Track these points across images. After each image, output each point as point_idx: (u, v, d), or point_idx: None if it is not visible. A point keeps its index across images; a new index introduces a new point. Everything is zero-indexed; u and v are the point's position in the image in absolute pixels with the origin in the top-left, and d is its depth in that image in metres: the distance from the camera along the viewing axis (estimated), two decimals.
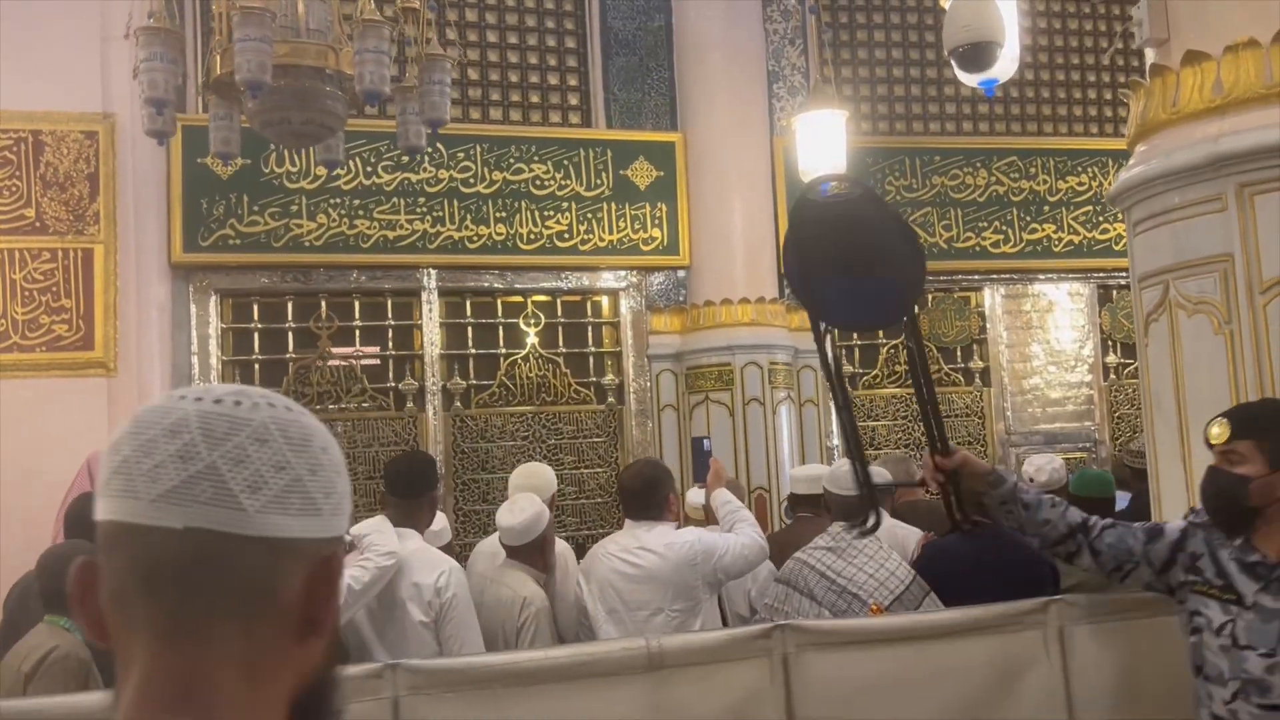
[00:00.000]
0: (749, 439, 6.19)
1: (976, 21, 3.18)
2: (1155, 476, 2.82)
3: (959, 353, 6.99)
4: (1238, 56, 2.62)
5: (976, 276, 6.98)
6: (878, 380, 6.87)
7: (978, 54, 3.20)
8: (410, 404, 6.06)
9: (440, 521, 3.82)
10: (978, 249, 6.90)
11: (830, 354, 2.43)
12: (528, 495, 3.59)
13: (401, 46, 4.46)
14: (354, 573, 2.97)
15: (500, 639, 3.38)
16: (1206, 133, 2.65)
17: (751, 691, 2.11)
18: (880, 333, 6.82)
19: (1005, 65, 3.95)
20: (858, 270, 2.27)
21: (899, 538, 4.33)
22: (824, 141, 5.46)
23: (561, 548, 3.99)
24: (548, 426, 6.28)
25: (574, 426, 6.33)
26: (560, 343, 6.39)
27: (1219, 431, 2.00)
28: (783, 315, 6.45)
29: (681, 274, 6.51)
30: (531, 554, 3.50)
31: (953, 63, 3.36)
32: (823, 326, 2.37)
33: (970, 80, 3.97)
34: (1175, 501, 2.76)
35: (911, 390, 6.75)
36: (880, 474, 4.06)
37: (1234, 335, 2.59)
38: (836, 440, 6.69)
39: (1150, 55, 2.92)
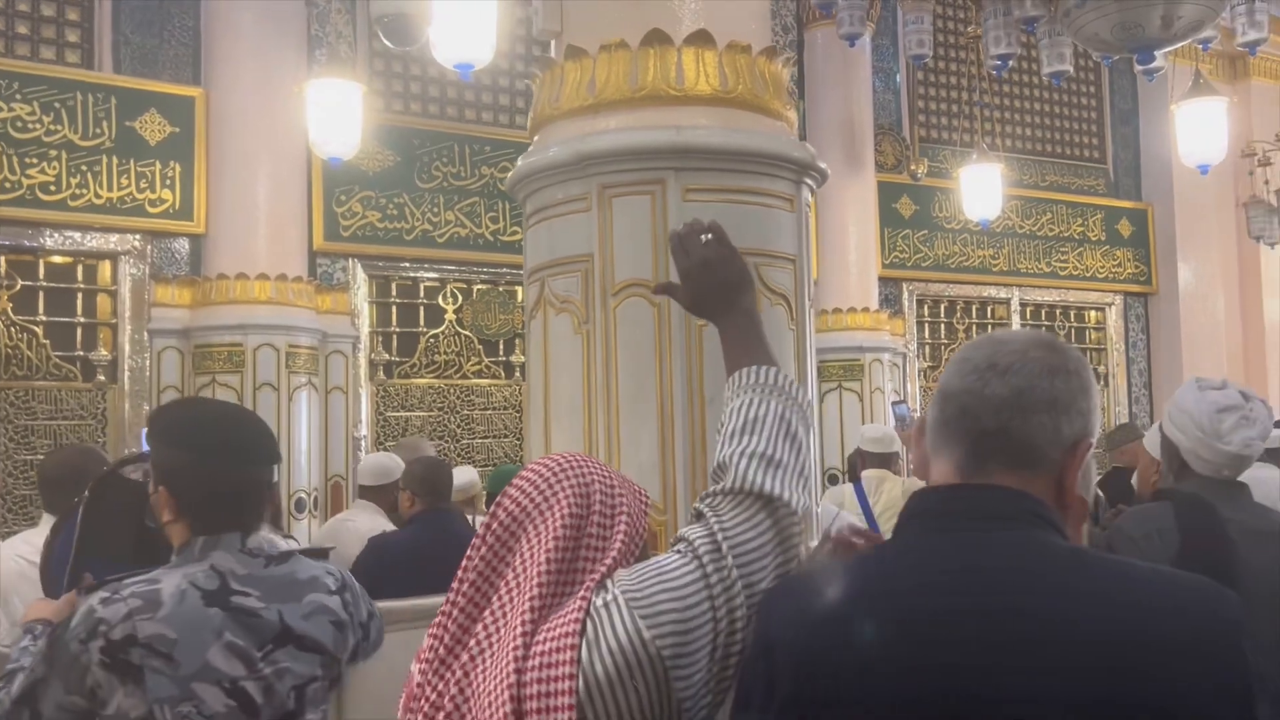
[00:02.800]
0: None
1: None
2: None
3: (501, 345, 6.94)
4: (611, 56, 2.61)
5: (521, 270, 6.94)
6: (415, 369, 6.66)
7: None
8: None
9: None
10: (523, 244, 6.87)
11: None
12: None
13: None
14: None
15: None
16: (581, 130, 2.61)
17: None
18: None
19: (478, 52, 3.83)
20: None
21: (360, 532, 4.16)
22: (337, 114, 5.14)
23: None
24: (17, 405, 5.50)
25: (52, 406, 5.59)
26: (40, 310, 5.62)
27: None
28: (310, 295, 6.08)
29: (194, 242, 5.96)
30: None
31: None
32: None
33: (445, 62, 3.82)
34: None
35: (447, 381, 6.67)
36: None
37: (590, 335, 2.57)
38: (364, 430, 6.42)
39: (553, 48, 2.86)
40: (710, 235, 1.56)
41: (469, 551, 1.28)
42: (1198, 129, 6.34)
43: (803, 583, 1.21)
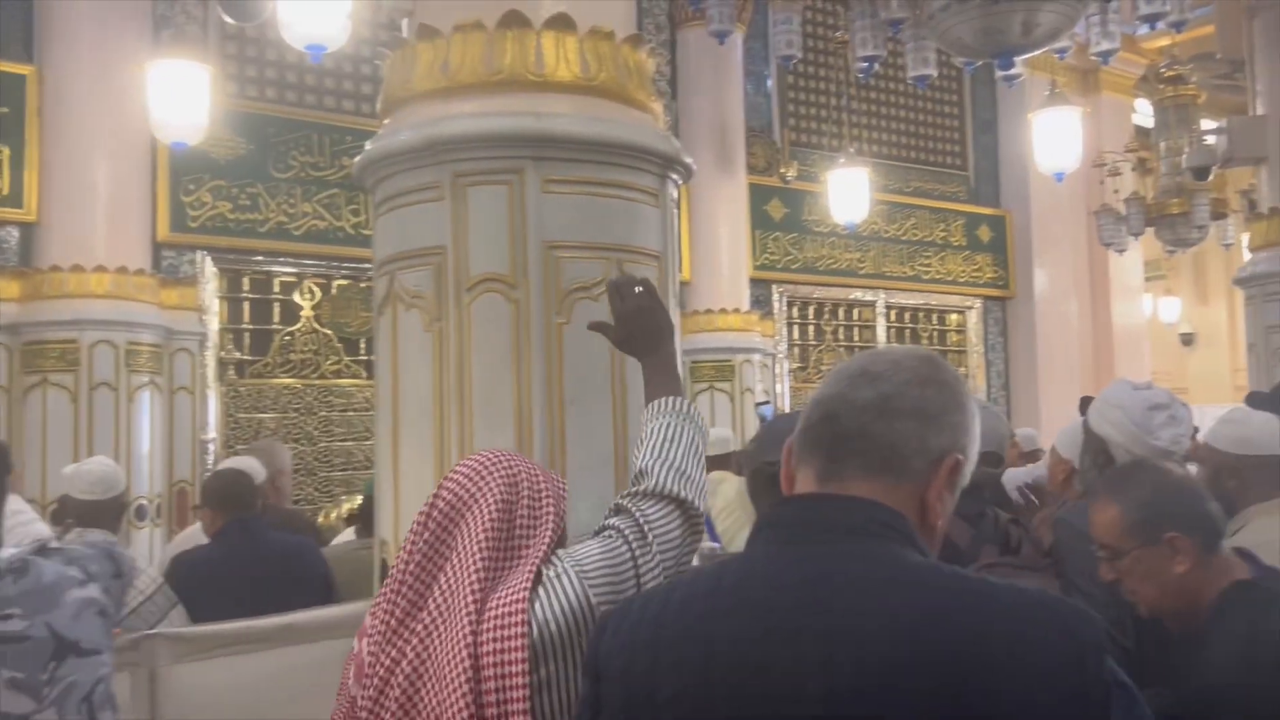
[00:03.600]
0: (95, 429, 5.38)
1: None
2: (378, 483, 2.59)
3: (362, 344, 6.67)
4: (466, 37, 2.47)
5: None
6: (268, 369, 6.35)
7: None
8: None
9: None
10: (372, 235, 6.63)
11: None
12: None
13: None
14: None
15: None
16: (433, 114, 2.47)
17: None
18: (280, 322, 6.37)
19: (330, 33, 3.63)
20: None
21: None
22: (181, 96, 4.83)
23: None
24: None
25: None
26: None
27: None
28: (153, 289, 5.72)
29: (25, 231, 5.53)
30: None
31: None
32: None
33: (294, 42, 3.60)
34: (384, 515, 2.55)
35: (304, 381, 6.39)
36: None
37: (442, 333, 2.42)
38: (212, 434, 6.08)
39: (405, 27, 2.71)
40: (641, 288, 1.92)
41: (411, 538, 1.49)
42: (1054, 137, 6.54)
43: (639, 604, 1.14)
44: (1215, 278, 14.22)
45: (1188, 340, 14.67)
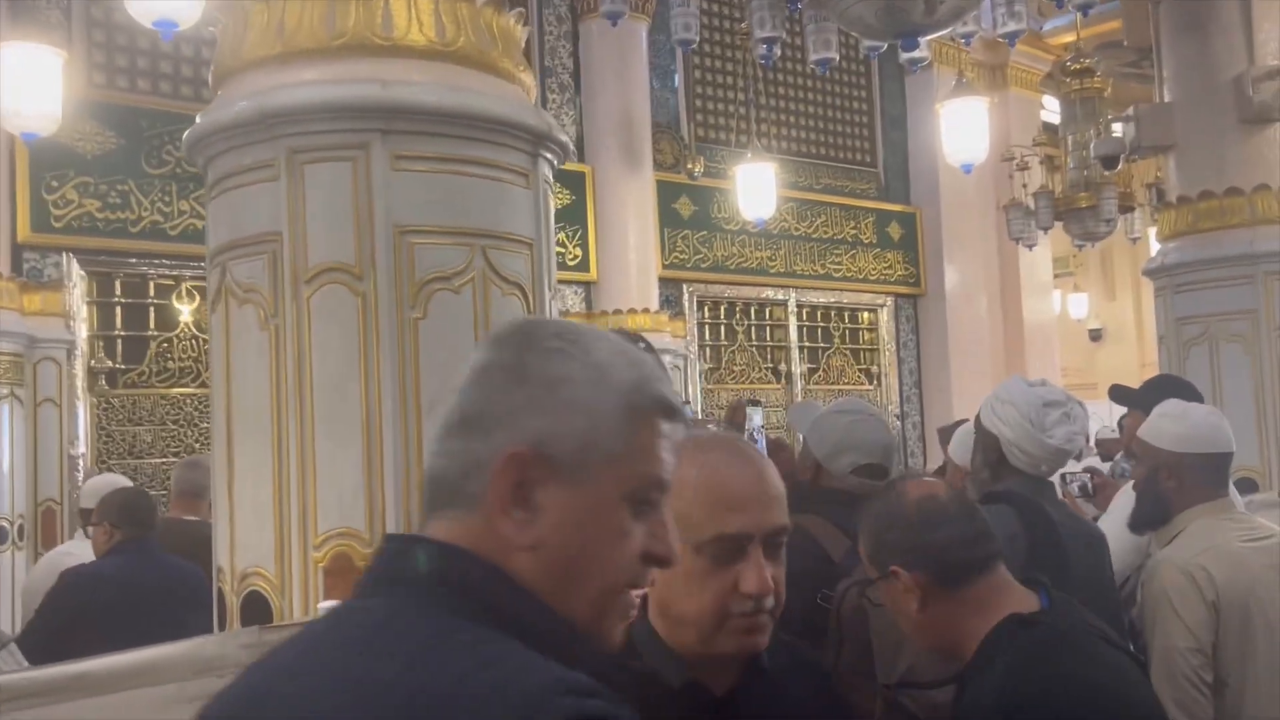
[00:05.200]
0: None
1: None
2: (215, 503, 2.29)
3: None
4: None
5: None
6: (144, 378, 5.93)
7: None
8: None
9: None
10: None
11: None
12: None
13: None
14: None
15: None
16: (267, 83, 2.18)
17: None
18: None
19: (181, 9, 3.31)
20: None
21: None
22: (32, 83, 4.43)
23: None
24: None
25: None
26: None
27: None
28: (13, 295, 5.31)
29: None
30: None
31: None
32: None
33: (141, 19, 3.27)
34: (220, 540, 2.26)
35: (183, 390, 5.99)
36: None
37: (279, 330, 2.14)
38: (82, 448, 5.66)
39: None
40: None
41: None
42: (961, 128, 6.45)
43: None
44: (1122, 273, 14.45)
45: (1096, 336, 14.88)
